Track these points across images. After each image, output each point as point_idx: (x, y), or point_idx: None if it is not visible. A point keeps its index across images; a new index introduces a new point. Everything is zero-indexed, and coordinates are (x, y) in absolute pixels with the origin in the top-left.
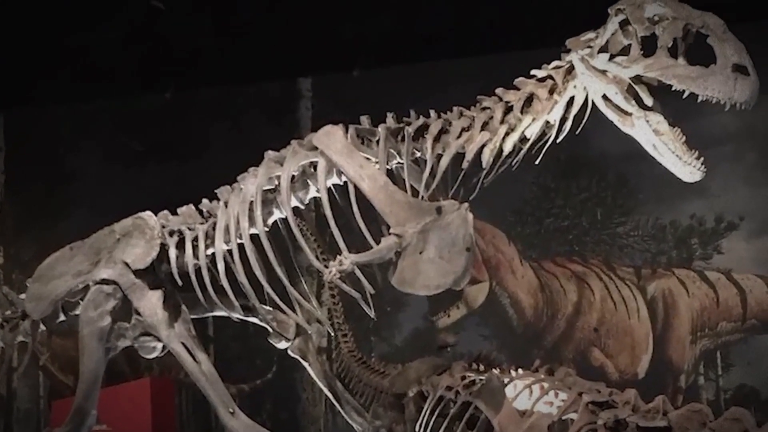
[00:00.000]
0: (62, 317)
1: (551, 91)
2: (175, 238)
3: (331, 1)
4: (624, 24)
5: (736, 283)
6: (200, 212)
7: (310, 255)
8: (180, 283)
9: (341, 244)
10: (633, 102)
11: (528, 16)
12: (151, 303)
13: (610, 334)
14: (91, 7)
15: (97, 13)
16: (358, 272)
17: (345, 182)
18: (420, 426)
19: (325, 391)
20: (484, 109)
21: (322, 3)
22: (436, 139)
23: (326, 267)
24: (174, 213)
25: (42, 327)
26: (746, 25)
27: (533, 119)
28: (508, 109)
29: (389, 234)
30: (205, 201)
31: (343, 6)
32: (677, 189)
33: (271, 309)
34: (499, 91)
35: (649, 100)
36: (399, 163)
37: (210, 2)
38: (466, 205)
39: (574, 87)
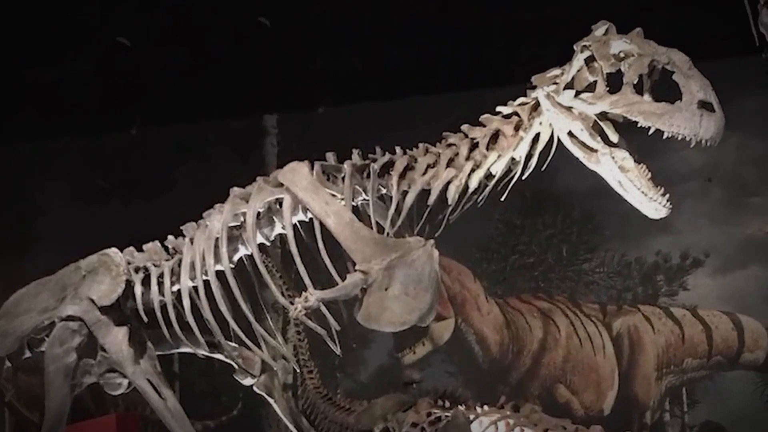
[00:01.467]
0: (28, 354)
1: (517, 128)
2: (141, 274)
3: (296, 38)
4: (590, 60)
5: (702, 319)
6: (166, 249)
7: (276, 291)
8: (145, 319)
9: (307, 281)
10: (598, 138)
11: (493, 53)
12: (116, 339)
13: (576, 370)
14: (56, 43)
15: (63, 50)
16: (323, 309)
17: (311, 219)
18: None
19: (291, 427)
20: (449, 145)
21: (288, 40)
22: (402, 175)
23: (292, 303)
24: (140, 249)
25: (8, 364)
26: (712, 62)
27: (499, 156)
28: (474, 146)
29: (355, 270)
30: (170, 237)
31: (309, 43)
32: (643, 226)
33: (236, 345)
34: (464, 127)
35: (614, 137)
36: (365, 199)
37: (175, 39)
38: (431, 241)
39: (540, 123)
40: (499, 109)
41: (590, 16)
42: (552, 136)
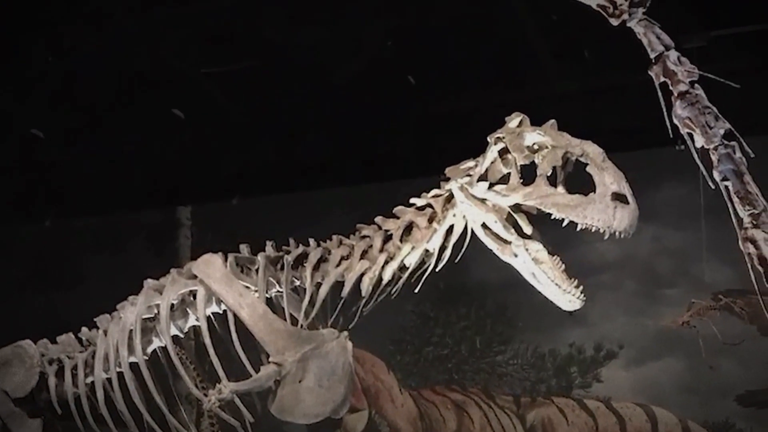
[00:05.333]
0: None
1: (430, 220)
2: (55, 366)
3: (210, 130)
4: (503, 152)
5: (616, 411)
6: (79, 341)
7: (190, 383)
8: (59, 411)
9: (220, 373)
10: (512, 230)
11: (406, 145)
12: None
13: None
14: None
15: None
16: (237, 401)
17: (224, 311)
18: None
19: None
20: (363, 237)
21: (201, 132)
22: (316, 267)
23: (206, 395)
24: (53, 341)
25: None
26: (626, 153)
27: (412, 248)
28: (388, 238)
29: (269, 362)
30: (84, 329)
31: (223, 135)
32: (556, 317)
33: None
34: (378, 219)
35: (528, 229)
36: (278, 291)
37: (89, 130)
38: (345, 333)
39: (454, 215)
40: (412, 200)
41: (504, 107)
42: (466, 228)
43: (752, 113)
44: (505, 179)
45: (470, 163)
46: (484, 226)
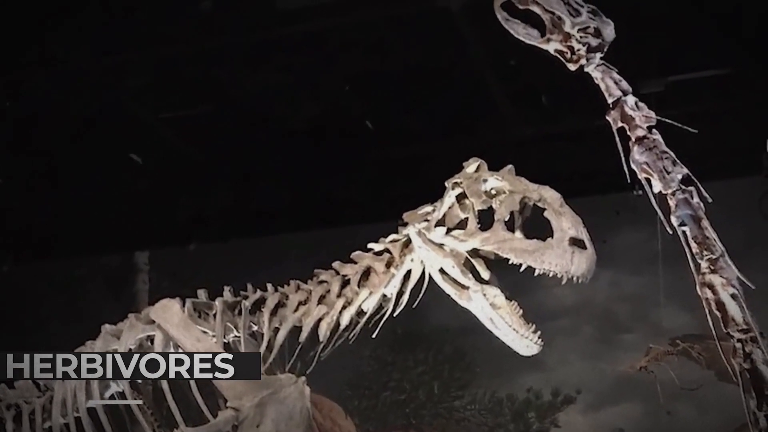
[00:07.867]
0: None
1: (388, 265)
2: (12, 411)
3: (167, 175)
4: (461, 197)
5: None
6: (37, 386)
7: (147, 428)
8: None
9: (178, 418)
10: (470, 275)
11: (364, 190)
12: None
13: None
14: None
15: None
16: None
17: None
18: None
19: None
20: (321, 282)
21: (159, 177)
22: (273, 312)
23: None
24: (11, 386)
25: None
26: (584, 198)
27: (370, 293)
28: (345, 283)
29: (226, 407)
30: None
31: (180, 181)
32: (514, 362)
33: None
34: (336, 264)
35: (486, 274)
36: (236, 336)
37: (47, 175)
38: (303, 378)
39: (411, 260)
40: (370, 245)
41: (462, 152)
42: (423, 273)
43: (710, 158)
44: (462, 224)
45: (428, 208)
46: (441, 271)
